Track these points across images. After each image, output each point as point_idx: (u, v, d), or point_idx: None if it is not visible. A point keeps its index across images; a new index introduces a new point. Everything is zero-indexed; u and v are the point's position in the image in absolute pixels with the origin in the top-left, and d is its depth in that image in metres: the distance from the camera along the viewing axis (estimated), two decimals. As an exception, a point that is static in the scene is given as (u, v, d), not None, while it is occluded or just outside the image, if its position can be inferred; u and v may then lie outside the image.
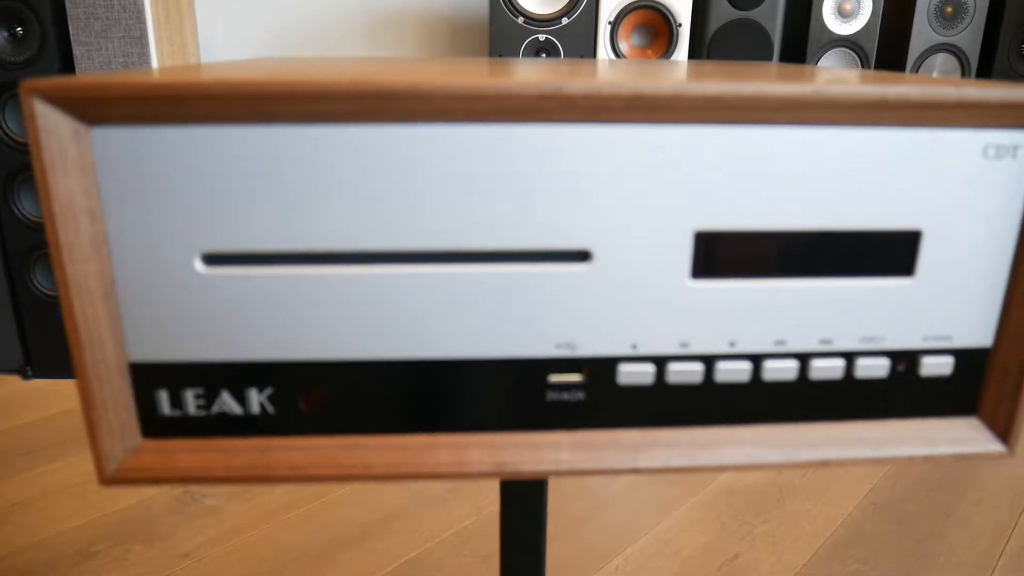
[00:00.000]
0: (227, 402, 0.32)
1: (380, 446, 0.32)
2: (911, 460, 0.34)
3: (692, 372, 0.32)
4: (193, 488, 1.23)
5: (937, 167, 0.31)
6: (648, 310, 0.32)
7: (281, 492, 1.26)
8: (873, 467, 1.35)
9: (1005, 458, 0.34)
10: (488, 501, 1.27)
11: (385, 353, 0.31)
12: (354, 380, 0.32)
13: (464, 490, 1.30)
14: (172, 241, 0.29)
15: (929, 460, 0.34)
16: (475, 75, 0.30)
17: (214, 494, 1.28)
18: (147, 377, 0.31)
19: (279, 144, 0.28)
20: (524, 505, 0.43)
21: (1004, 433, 0.34)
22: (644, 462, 0.33)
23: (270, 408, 0.32)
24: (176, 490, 1.28)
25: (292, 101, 0.28)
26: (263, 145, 0.28)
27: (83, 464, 1.36)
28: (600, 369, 0.32)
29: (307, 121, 0.28)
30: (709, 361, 0.33)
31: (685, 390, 0.33)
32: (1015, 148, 0.31)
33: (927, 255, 0.32)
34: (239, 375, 0.31)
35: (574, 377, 0.32)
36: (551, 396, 0.33)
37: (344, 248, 0.30)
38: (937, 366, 0.33)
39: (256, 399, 0.32)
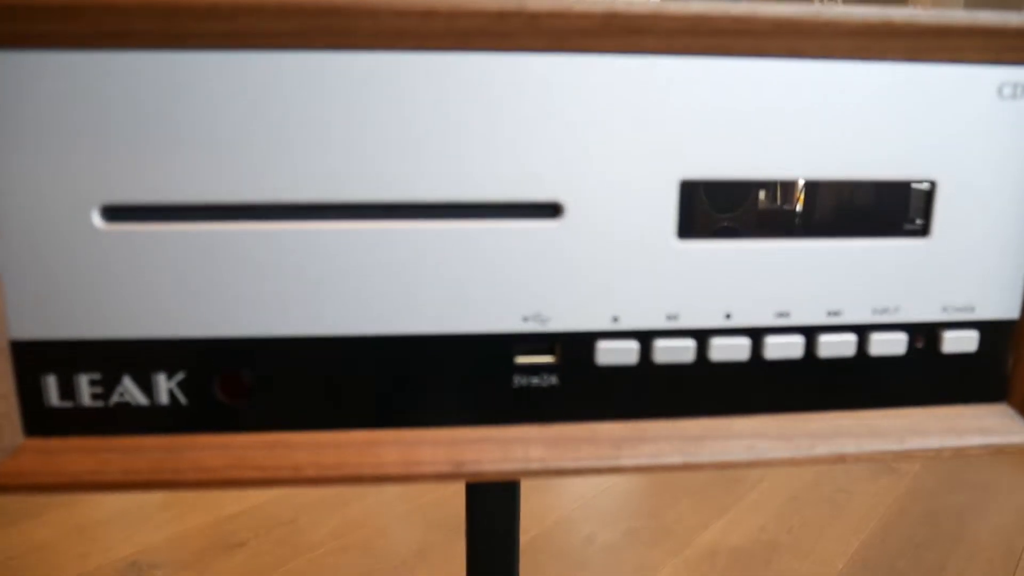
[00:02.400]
0: (129, 390, 0.26)
1: (312, 444, 0.27)
2: (938, 454, 0.29)
3: (682, 349, 0.28)
4: (141, 558, 1.14)
5: (949, 108, 0.27)
6: (629, 276, 0.27)
7: (251, 557, 1.17)
8: (861, 520, 1.29)
9: None
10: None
11: (319, 329, 0.26)
12: (282, 363, 0.27)
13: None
14: (64, 191, 0.24)
15: (960, 454, 0.29)
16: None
17: (164, 564, 1.18)
18: (32, 359, 0.26)
19: (196, 74, 0.24)
20: (493, 512, 0.37)
21: (1040, 421, 0.30)
22: (629, 459, 0.28)
23: (181, 398, 0.27)
24: (119, 563, 1.18)
25: (211, 17, 0.23)
26: (176, 75, 0.24)
27: None
28: (575, 347, 0.27)
29: (228, 46, 0.24)
30: (701, 336, 0.28)
31: (675, 372, 0.28)
32: (1035, 87, 0.27)
33: (943, 211, 0.28)
34: (144, 357, 0.26)
35: (545, 358, 0.28)
36: (518, 381, 0.28)
37: (270, 200, 0.25)
38: (960, 341, 0.29)
39: (164, 386, 0.26)
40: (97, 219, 0.25)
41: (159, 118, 0.24)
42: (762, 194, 0.27)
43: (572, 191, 0.26)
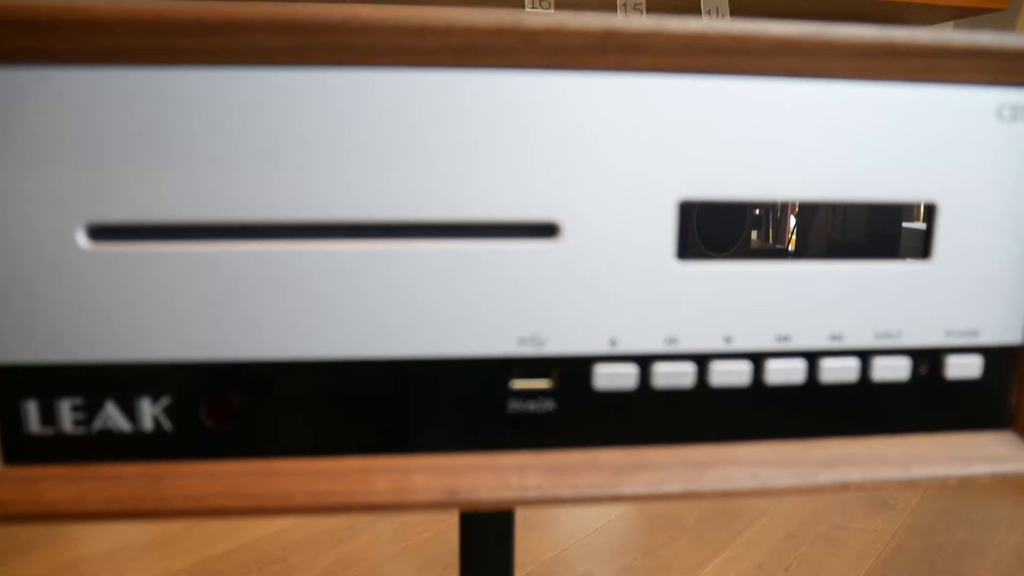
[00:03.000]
0: (112, 416, 0.25)
1: (302, 471, 0.26)
2: (944, 483, 0.28)
3: (682, 374, 0.27)
4: (123, 600, 1.11)
5: (949, 130, 0.27)
6: (627, 298, 0.26)
7: (222, 602, 1.14)
8: (859, 558, 1.27)
9: None
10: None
11: (309, 352, 0.26)
12: (270, 388, 0.26)
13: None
14: (48, 209, 0.24)
15: (965, 483, 0.28)
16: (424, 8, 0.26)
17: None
18: (11, 384, 0.25)
19: (184, 91, 0.24)
20: (488, 541, 0.36)
21: (1047, 449, 0.29)
22: (629, 487, 0.27)
23: (166, 424, 0.26)
24: (104, 603, 1.16)
25: (200, 33, 0.23)
26: (164, 91, 0.24)
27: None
28: (572, 371, 0.27)
29: (220, 63, 0.24)
30: (702, 360, 0.27)
31: (675, 397, 0.27)
32: (1034, 109, 0.27)
33: (944, 233, 0.28)
34: (128, 381, 0.25)
35: (541, 383, 0.27)
36: (514, 406, 0.27)
37: (261, 220, 0.25)
38: (964, 367, 0.29)
39: (149, 412, 0.26)
40: (82, 238, 0.24)
41: (147, 136, 0.24)
42: (762, 216, 0.27)
43: (569, 211, 0.26)
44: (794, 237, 0.27)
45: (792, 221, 0.27)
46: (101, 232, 0.24)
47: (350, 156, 0.24)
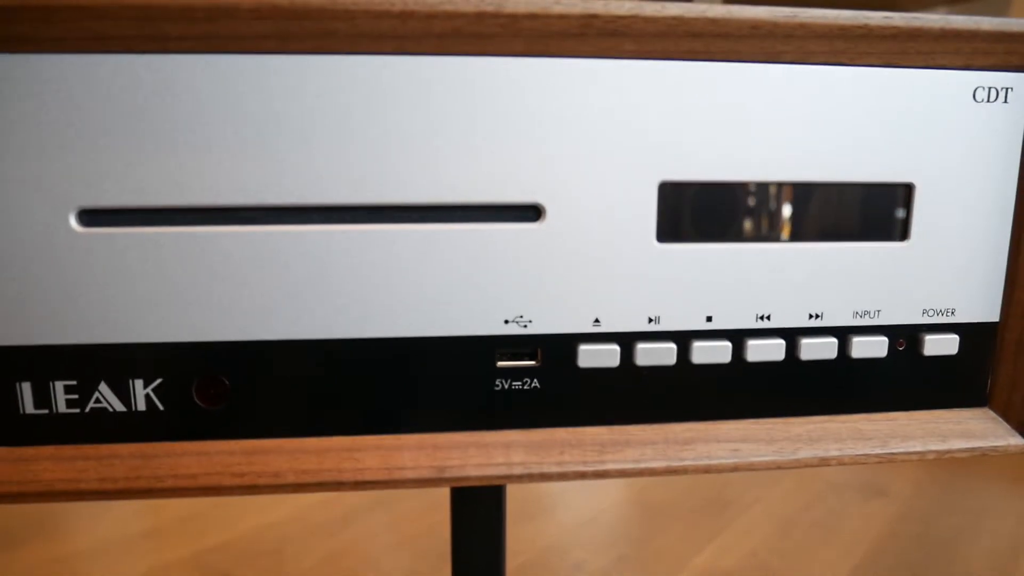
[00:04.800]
0: (106, 396, 0.26)
1: (292, 450, 0.27)
2: (922, 457, 0.29)
3: (664, 352, 0.28)
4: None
5: (926, 112, 0.28)
6: (610, 278, 0.27)
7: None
8: (853, 544, 1.28)
9: (1027, 451, 0.29)
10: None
11: (298, 333, 0.26)
12: (261, 368, 0.26)
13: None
14: (41, 195, 0.24)
15: (943, 458, 0.29)
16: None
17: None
18: (7, 366, 0.25)
19: (174, 77, 0.24)
20: (478, 516, 0.37)
21: (1022, 424, 0.30)
22: (613, 464, 0.27)
23: (159, 404, 0.26)
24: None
25: (187, 19, 0.23)
26: (154, 78, 0.24)
27: (-2, 569, 1.24)
28: (557, 350, 0.27)
29: (208, 49, 0.24)
30: (683, 339, 0.28)
31: (658, 375, 0.28)
32: (1007, 90, 0.28)
33: (921, 214, 0.28)
34: (121, 362, 0.26)
35: (527, 362, 0.27)
36: (500, 385, 0.27)
37: (250, 203, 0.25)
38: (941, 344, 0.29)
39: (142, 393, 0.26)
40: (74, 223, 0.25)
41: (136, 122, 0.24)
42: (742, 197, 0.27)
43: (552, 194, 0.26)
44: (778, 210, 0.28)
45: (774, 204, 0.28)
46: (92, 217, 0.25)
47: (336, 141, 0.25)
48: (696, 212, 0.27)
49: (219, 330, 0.26)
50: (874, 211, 0.28)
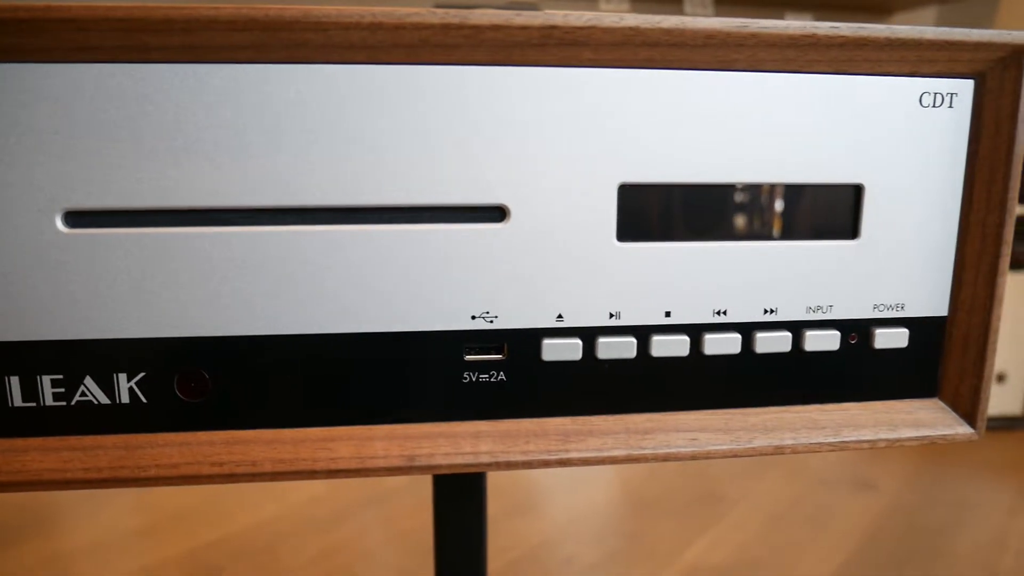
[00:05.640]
0: (91, 390, 0.27)
1: (269, 441, 0.28)
2: (873, 446, 0.30)
3: (624, 345, 0.29)
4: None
5: (875, 116, 0.29)
6: (572, 276, 0.28)
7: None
8: (842, 538, 1.30)
9: (973, 440, 0.31)
10: None
11: (275, 329, 0.27)
12: (239, 362, 0.28)
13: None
14: (28, 197, 0.26)
15: (894, 446, 0.30)
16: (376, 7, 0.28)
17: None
18: (-5, 361, 0.27)
19: (153, 86, 0.25)
20: (461, 500, 0.38)
21: (969, 414, 0.31)
22: (576, 453, 0.29)
23: (142, 397, 0.28)
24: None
25: (167, 31, 0.25)
26: (137, 86, 0.25)
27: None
28: (522, 344, 0.29)
29: (185, 59, 0.25)
30: (643, 334, 0.29)
31: (619, 368, 0.29)
32: (952, 96, 0.29)
33: (871, 214, 0.30)
34: (106, 357, 0.27)
35: (493, 356, 0.29)
36: (468, 377, 0.29)
37: (228, 205, 0.26)
38: (891, 338, 0.31)
39: (125, 386, 0.27)
40: (60, 224, 0.26)
41: (121, 128, 0.25)
42: (699, 198, 0.29)
43: (516, 195, 0.27)
44: (731, 219, 0.29)
45: (730, 204, 0.29)
46: (77, 218, 0.26)
47: (310, 146, 0.26)
48: (655, 213, 0.28)
49: (200, 326, 0.27)
50: (826, 211, 0.30)
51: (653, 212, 0.28)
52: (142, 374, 0.27)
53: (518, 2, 1.40)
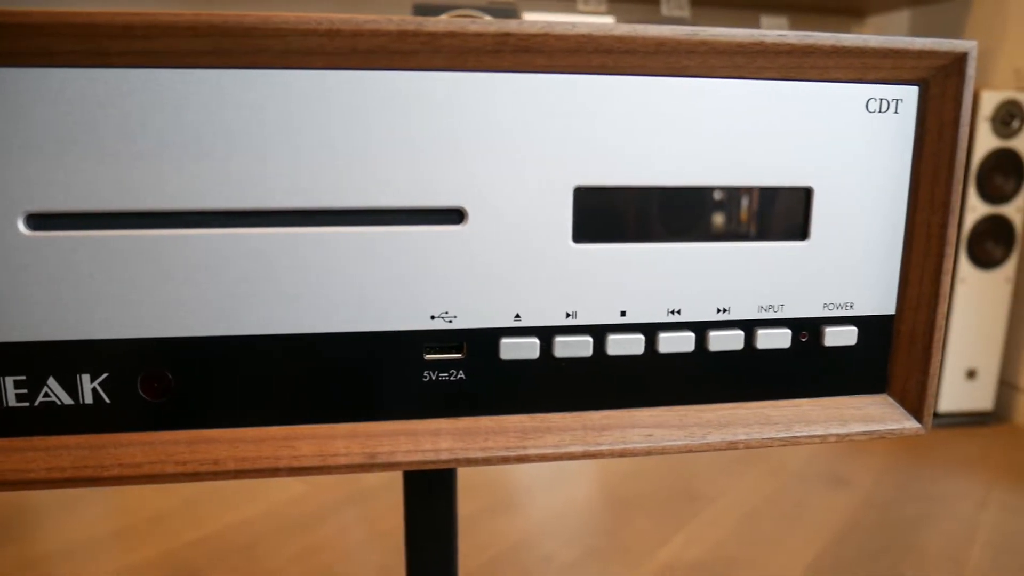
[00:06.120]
0: (54, 391, 0.28)
1: (232, 440, 0.28)
2: (823, 440, 0.31)
3: (581, 344, 0.30)
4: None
5: (824, 121, 0.30)
6: (530, 277, 0.29)
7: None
8: (816, 533, 1.31)
9: (920, 435, 0.32)
10: None
11: (237, 330, 0.28)
12: (202, 363, 0.28)
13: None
14: (-10, 200, 0.26)
15: (844, 441, 0.31)
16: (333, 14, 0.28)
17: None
18: (-42, 363, 0.27)
19: (115, 90, 0.26)
20: (431, 497, 0.39)
21: (916, 409, 0.32)
22: (534, 449, 0.29)
23: (105, 397, 0.28)
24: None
25: (128, 36, 0.25)
26: (98, 91, 0.26)
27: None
28: (480, 344, 0.29)
29: (147, 63, 0.26)
30: (599, 333, 0.30)
31: (576, 367, 0.30)
32: (897, 102, 0.30)
33: (820, 216, 0.31)
34: (69, 358, 0.27)
35: (453, 355, 0.29)
36: (428, 376, 0.29)
37: (188, 208, 0.27)
38: (841, 335, 0.32)
39: (89, 387, 0.28)
40: (22, 227, 0.26)
41: (83, 131, 0.26)
42: (653, 201, 0.30)
43: (474, 198, 0.28)
44: (684, 220, 0.30)
45: (683, 206, 0.30)
46: (39, 221, 0.26)
47: (270, 149, 0.27)
48: (609, 214, 0.29)
49: (162, 327, 0.28)
50: (776, 213, 0.30)
51: (608, 214, 0.29)
52: (105, 375, 0.28)
53: (496, 3, 1.41)
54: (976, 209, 1.58)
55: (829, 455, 1.60)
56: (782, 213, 0.30)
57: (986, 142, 1.56)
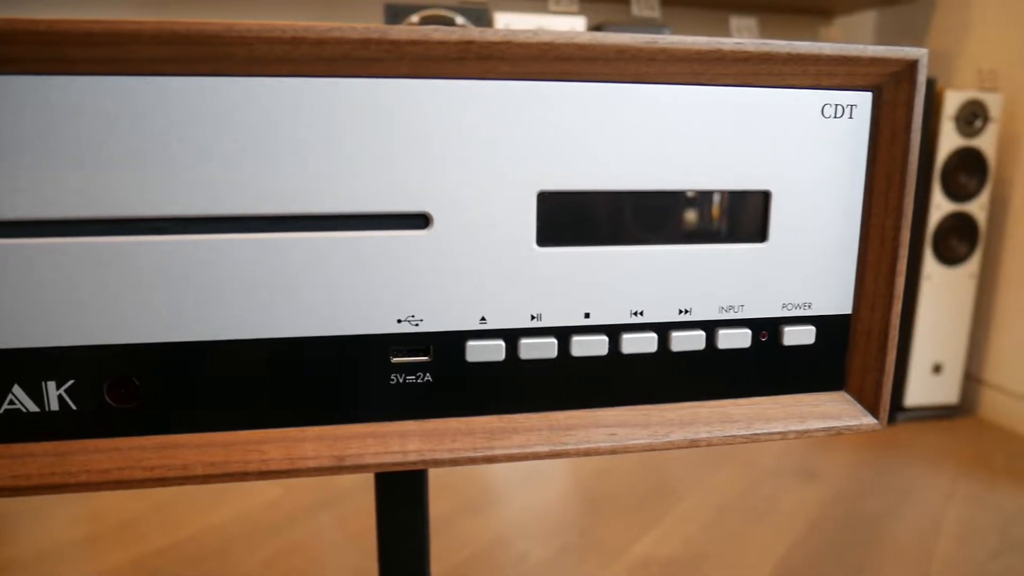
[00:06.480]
0: (20, 398, 0.28)
1: (200, 444, 0.29)
2: (783, 437, 0.32)
3: (545, 346, 0.30)
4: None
5: (781, 126, 0.31)
6: (495, 280, 0.30)
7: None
8: (786, 527, 1.33)
9: (877, 430, 0.33)
10: None
11: (204, 335, 0.28)
12: (169, 368, 0.28)
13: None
14: (-48, 208, 0.26)
15: (803, 437, 0.32)
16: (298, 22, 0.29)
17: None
18: (-79, 371, 0.27)
19: (78, 98, 0.26)
20: (402, 498, 0.39)
21: (873, 406, 0.33)
22: (501, 449, 0.30)
23: (71, 404, 0.28)
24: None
25: (90, 44, 0.25)
26: (60, 98, 0.26)
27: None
28: (447, 346, 0.30)
29: (110, 71, 0.26)
30: (563, 334, 0.30)
31: (541, 368, 0.31)
32: (852, 107, 0.31)
33: (778, 218, 0.31)
34: (34, 366, 0.27)
35: (419, 357, 0.30)
36: (396, 379, 0.30)
37: (153, 214, 0.27)
38: (799, 335, 0.32)
39: (55, 394, 0.28)
40: (-15, 235, 0.26)
41: (46, 139, 0.26)
42: (615, 204, 0.30)
43: (439, 203, 0.29)
44: (646, 223, 0.31)
45: (645, 210, 0.31)
46: (4, 228, 0.26)
47: (236, 156, 0.27)
48: (573, 218, 0.30)
49: (129, 334, 0.28)
50: (736, 216, 0.31)
51: (571, 218, 0.30)
52: (71, 382, 0.28)
53: (468, 3, 1.41)
54: (941, 207, 1.62)
55: (800, 450, 1.63)
56: (741, 216, 0.31)
57: (950, 141, 1.59)
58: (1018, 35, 1.68)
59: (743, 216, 0.31)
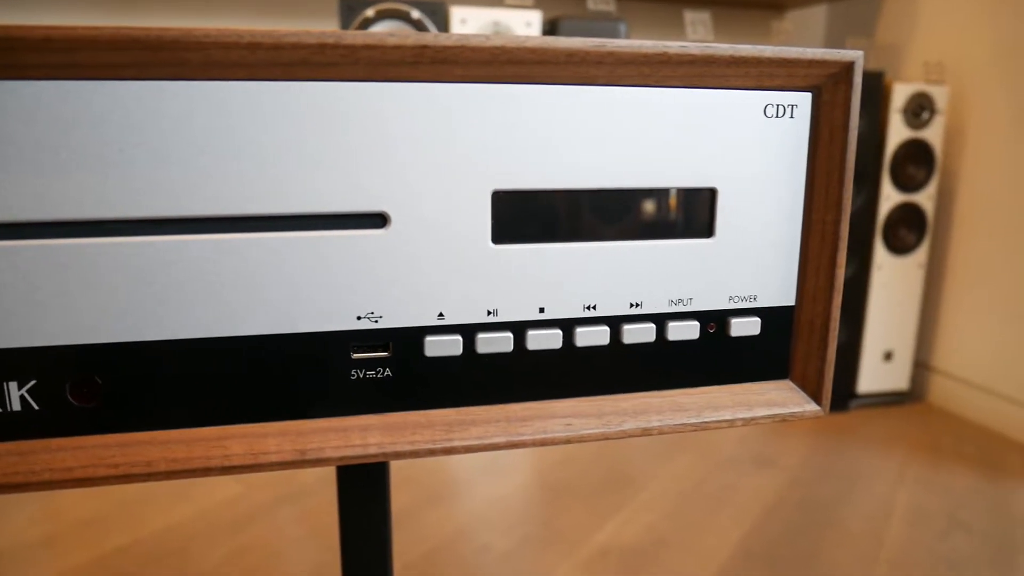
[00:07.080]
0: (-20, 399, 0.28)
1: (163, 442, 0.29)
2: (731, 424, 0.33)
3: (501, 340, 0.31)
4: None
5: (725, 126, 0.32)
6: (452, 277, 0.30)
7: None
8: (743, 513, 1.36)
9: (820, 417, 0.34)
10: None
11: (166, 334, 0.29)
12: (132, 367, 0.29)
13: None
14: (-91, 212, 0.26)
15: (750, 424, 0.34)
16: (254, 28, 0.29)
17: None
18: None
19: (35, 103, 0.26)
20: (364, 491, 0.40)
21: (816, 393, 0.35)
22: (460, 441, 0.31)
23: (34, 404, 0.28)
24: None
25: (47, 49, 0.25)
26: (15, 103, 0.26)
27: None
28: (406, 342, 0.31)
29: (67, 76, 0.26)
30: (519, 329, 0.32)
31: (497, 362, 0.32)
32: (793, 107, 0.32)
33: (724, 215, 0.33)
34: (-6, 367, 0.28)
35: (379, 353, 0.31)
36: (356, 374, 0.30)
37: (115, 216, 0.27)
38: (745, 326, 0.34)
39: (16, 394, 0.28)
40: (-57, 238, 0.26)
41: (4, 142, 0.26)
42: (567, 203, 0.31)
43: (396, 203, 0.29)
44: (598, 221, 0.32)
45: (596, 208, 0.32)
46: (-39, 231, 0.26)
47: (195, 158, 0.27)
48: (526, 217, 0.31)
49: (91, 334, 0.28)
50: (684, 212, 0.32)
51: (525, 216, 0.31)
52: (33, 382, 0.28)
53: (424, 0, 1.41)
54: (890, 198, 1.66)
55: (757, 438, 1.67)
56: (689, 213, 0.32)
57: (898, 133, 1.64)
58: (964, 28, 1.73)
59: (691, 213, 0.32)
